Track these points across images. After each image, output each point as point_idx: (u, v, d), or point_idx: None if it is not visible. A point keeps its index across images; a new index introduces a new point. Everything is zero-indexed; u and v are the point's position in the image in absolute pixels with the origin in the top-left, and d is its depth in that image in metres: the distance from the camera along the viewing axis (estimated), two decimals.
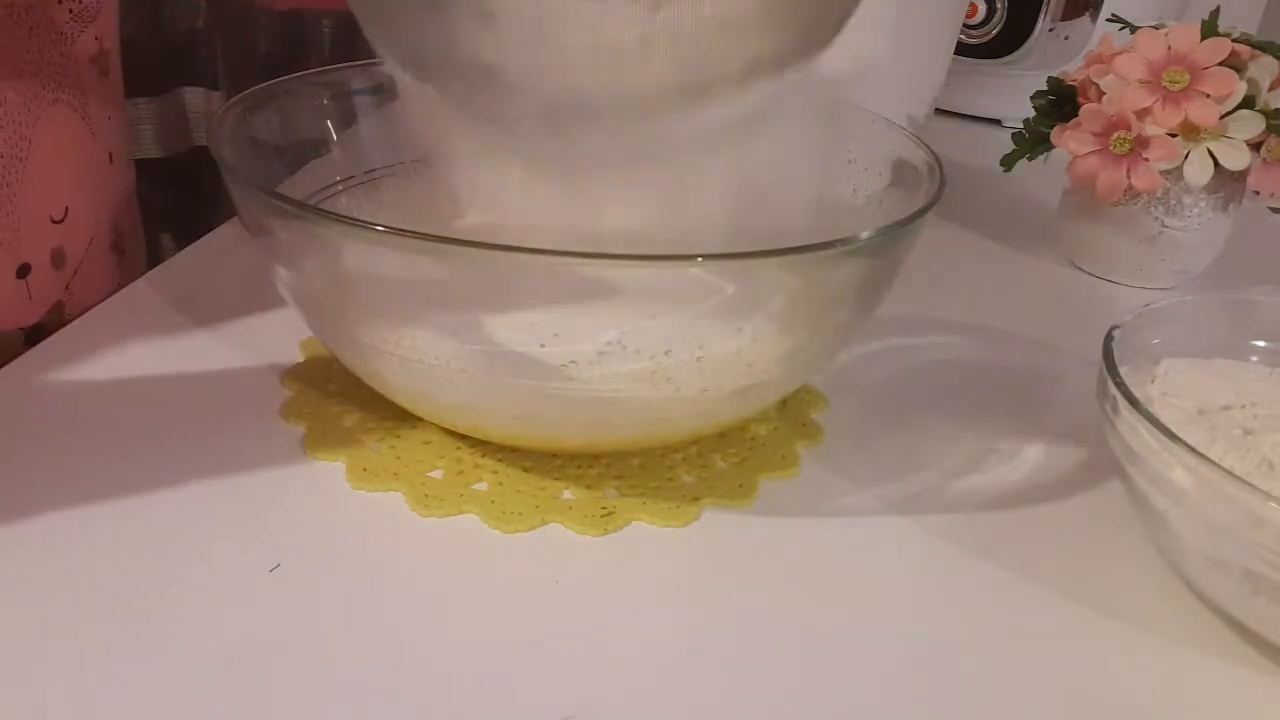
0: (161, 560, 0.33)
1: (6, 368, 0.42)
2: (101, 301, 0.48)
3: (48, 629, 0.30)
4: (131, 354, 0.43)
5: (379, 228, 0.31)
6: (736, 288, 0.34)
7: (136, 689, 0.28)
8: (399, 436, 0.39)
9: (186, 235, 0.58)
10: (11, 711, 0.28)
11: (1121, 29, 0.55)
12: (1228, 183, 0.54)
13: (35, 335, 0.45)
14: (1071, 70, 0.57)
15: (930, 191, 0.37)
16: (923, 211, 0.35)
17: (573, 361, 0.33)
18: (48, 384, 0.41)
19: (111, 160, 0.51)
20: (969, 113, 0.85)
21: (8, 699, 0.28)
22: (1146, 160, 0.52)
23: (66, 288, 0.47)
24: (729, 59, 0.33)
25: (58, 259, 0.46)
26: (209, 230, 0.55)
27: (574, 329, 0.33)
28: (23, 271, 0.45)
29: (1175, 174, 0.52)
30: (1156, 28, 0.52)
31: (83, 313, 0.47)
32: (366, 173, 0.45)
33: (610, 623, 0.32)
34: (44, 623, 0.30)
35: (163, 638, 0.30)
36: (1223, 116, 0.51)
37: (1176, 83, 0.51)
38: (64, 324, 0.46)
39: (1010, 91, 0.76)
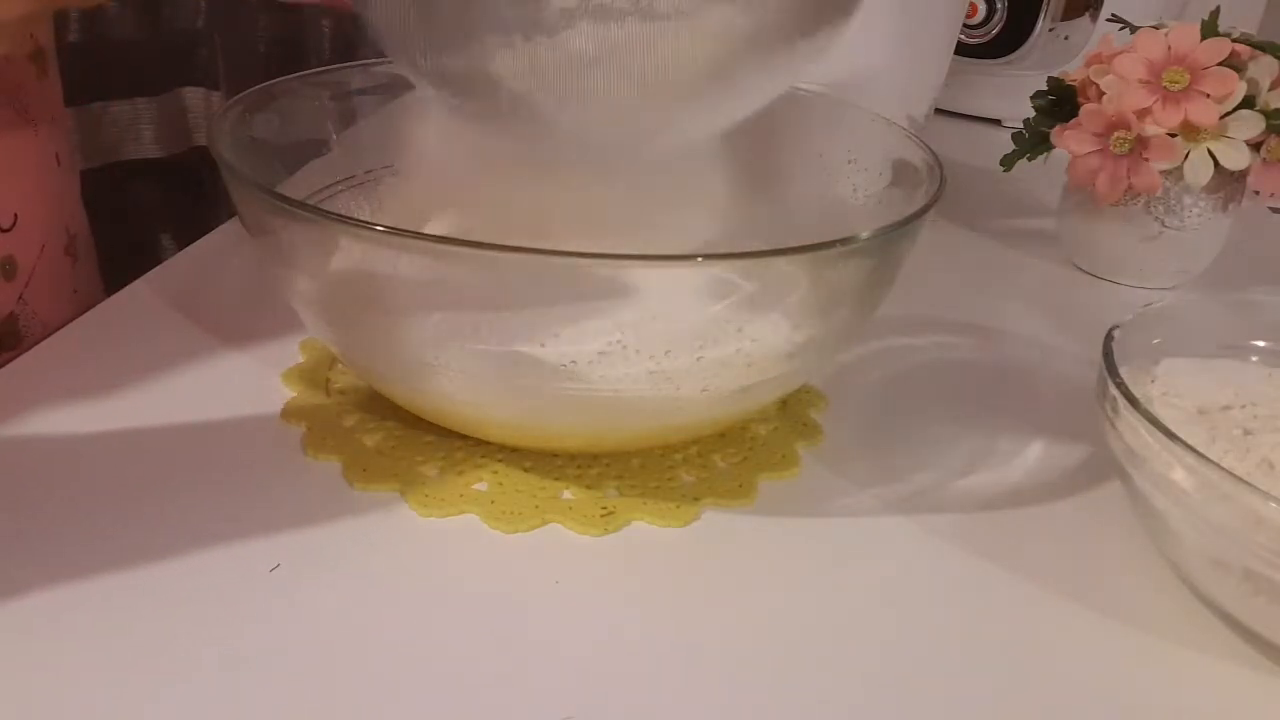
0: (161, 560, 0.33)
1: (7, 368, 0.42)
2: (57, 308, 0.46)
3: (46, 628, 0.30)
4: (131, 354, 0.43)
5: (379, 228, 0.31)
6: (740, 289, 0.34)
7: (136, 688, 0.28)
8: (399, 436, 0.39)
9: (186, 235, 0.58)
10: (10, 711, 0.28)
11: (1121, 29, 0.55)
12: (1228, 183, 0.54)
13: None
14: (1071, 70, 0.57)
15: (930, 191, 0.37)
16: (923, 211, 0.35)
17: (573, 361, 0.33)
18: (44, 385, 0.41)
19: (59, 162, 0.49)
20: (969, 113, 0.85)
21: (6, 697, 0.28)
22: (1146, 160, 0.51)
23: (20, 297, 0.45)
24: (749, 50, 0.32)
25: (8, 269, 0.45)
26: (209, 230, 0.55)
27: (574, 329, 0.33)
28: None
29: (1175, 174, 0.52)
30: (1156, 28, 0.52)
31: (38, 321, 0.46)
32: (366, 172, 0.45)
33: (610, 623, 0.32)
34: (42, 622, 0.30)
35: (162, 638, 0.30)
36: (1223, 116, 0.51)
37: (1176, 83, 0.51)
38: (18, 334, 0.44)
39: (1010, 91, 0.75)
